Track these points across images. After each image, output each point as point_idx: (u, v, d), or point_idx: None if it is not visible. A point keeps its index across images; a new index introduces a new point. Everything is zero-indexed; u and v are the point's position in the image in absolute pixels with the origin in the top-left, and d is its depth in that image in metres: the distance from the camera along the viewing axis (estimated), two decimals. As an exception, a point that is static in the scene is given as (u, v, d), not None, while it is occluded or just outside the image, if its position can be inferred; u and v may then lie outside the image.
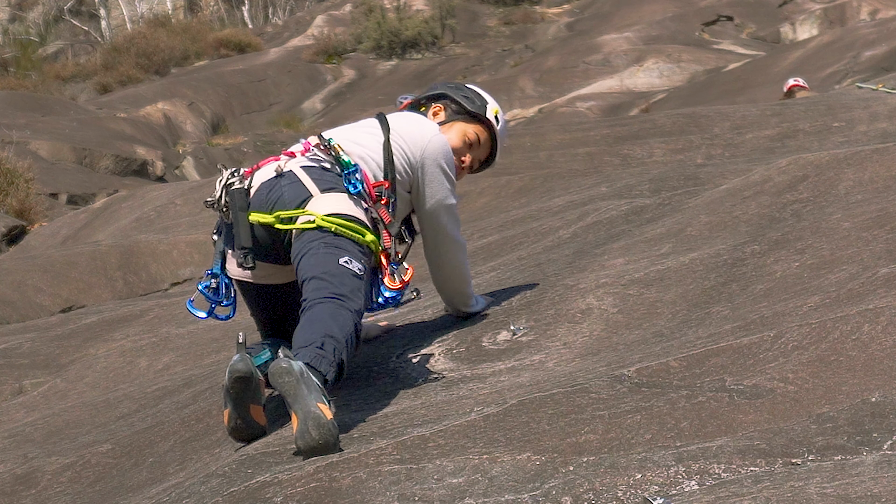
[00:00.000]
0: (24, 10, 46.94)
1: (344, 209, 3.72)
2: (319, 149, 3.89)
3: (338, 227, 3.66)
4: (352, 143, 3.93)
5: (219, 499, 3.02)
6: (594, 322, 4.00)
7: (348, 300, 3.54)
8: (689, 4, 32.34)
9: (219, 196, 3.80)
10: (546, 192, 7.59)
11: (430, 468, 2.93)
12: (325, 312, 3.48)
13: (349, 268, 3.60)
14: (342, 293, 3.54)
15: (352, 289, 3.58)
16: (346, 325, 3.47)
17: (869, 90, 11.37)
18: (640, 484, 2.72)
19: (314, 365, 3.30)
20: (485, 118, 4.20)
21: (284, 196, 3.74)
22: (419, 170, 3.98)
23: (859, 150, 5.41)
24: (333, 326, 3.43)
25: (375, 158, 3.92)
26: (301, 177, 3.79)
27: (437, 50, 34.82)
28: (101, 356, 6.12)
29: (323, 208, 3.70)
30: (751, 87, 21.27)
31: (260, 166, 3.89)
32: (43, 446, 4.51)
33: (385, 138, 3.96)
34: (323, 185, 3.77)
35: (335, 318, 3.47)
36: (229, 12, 46.52)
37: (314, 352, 3.35)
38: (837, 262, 3.95)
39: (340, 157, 3.84)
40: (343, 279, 3.57)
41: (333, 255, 3.61)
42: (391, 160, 3.92)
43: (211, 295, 3.86)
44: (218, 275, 3.87)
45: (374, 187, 3.85)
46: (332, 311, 3.49)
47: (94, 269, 9.69)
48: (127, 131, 25.74)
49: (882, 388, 2.94)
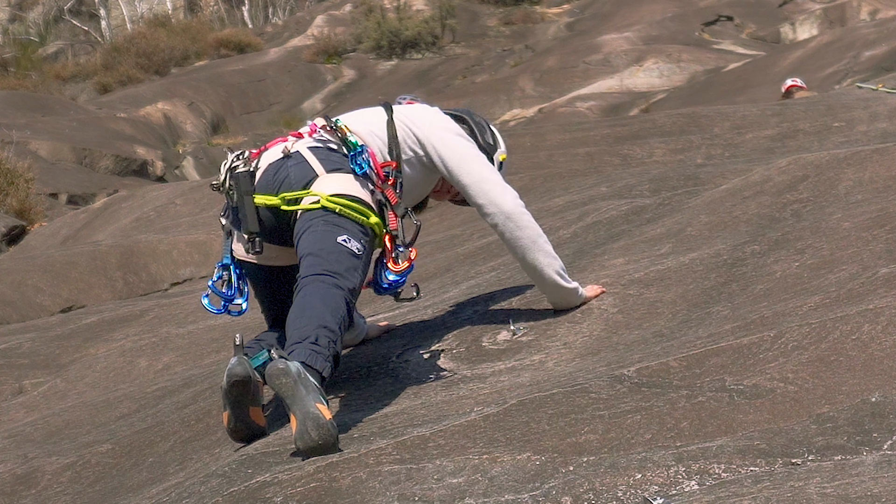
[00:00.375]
0: (24, 10, 46.93)
1: (349, 190, 3.71)
2: (326, 130, 3.89)
3: (342, 208, 3.65)
4: (359, 123, 3.93)
5: (219, 499, 3.02)
6: (594, 322, 4.00)
7: (342, 278, 3.51)
8: (689, 4, 32.34)
9: (223, 179, 3.80)
10: (546, 192, 7.59)
11: (430, 468, 2.93)
12: (317, 296, 3.45)
13: (347, 246, 3.58)
14: (336, 270, 3.52)
15: (347, 267, 3.55)
16: (339, 309, 3.45)
17: (869, 90, 11.37)
18: (640, 484, 2.72)
19: (310, 363, 3.29)
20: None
21: (290, 177, 3.74)
22: (429, 145, 3.93)
23: (859, 150, 5.42)
24: (326, 313, 3.41)
25: (382, 136, 3.91)
26: (307, 157, 3.78)
27: (437, 50, 34.81)
28: (101, 356, 6.12)
29: (328, 188, 3.69)
30: (751, 87, 21.27)
31: (268, 147, 3.89)
32: (43, 446, 4.51)
33: (388, 117, 3.96)
34: (329, 165, 3.76)
35: (327, 301, 3.44)
36: (229, 12, 46.50)
37: (309, 349, 3.33)
38: (837, 262, 3.95)
39: (347, 137, 3.83)
40: (339, 257, 3.55)
41: (332, 232, 3.60)
42: (395, 136, 3.91)
43: (223, 290, 3.84)
44: (229, 266, 3.85)
45: (381, 167, 3.84)
46: (324, 292, 3.46)
47: (94, 269, 9.69)
48: (127, 131, 25.75)
49: (882, 388, 2.94)
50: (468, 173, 3.94)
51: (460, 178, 3.94)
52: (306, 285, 3.50)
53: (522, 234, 3.93)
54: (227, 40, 37.41)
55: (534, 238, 3.94)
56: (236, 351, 3.47)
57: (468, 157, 3.96)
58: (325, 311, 3.41)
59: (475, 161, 3.96)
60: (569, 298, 4.08)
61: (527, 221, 3.94)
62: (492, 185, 3.93)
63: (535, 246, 3.94)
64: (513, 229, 3.92)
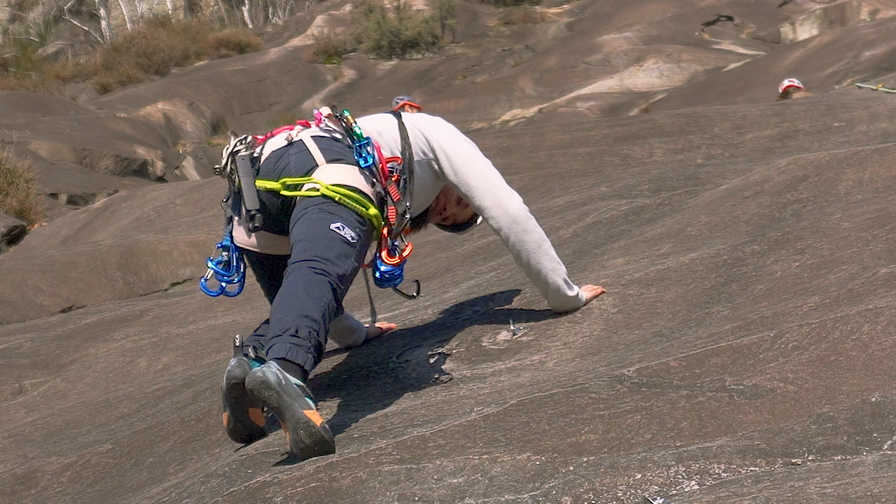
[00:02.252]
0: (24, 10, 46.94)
1: (349, 180, 3.69)
2: (332, 119, 3.88)
3: (341, 197, 3.63)
4: (367, 123, 3.93)
5: (219, 499, 3.02)
6: (594, 322, 4.00)
7: (331, 264, 3.48)
8: (689, 4, 32.35)
9: (225, 163, 3.80)
10: (546, 192, 7.59)
11: (430, 468, 2.93)
12: (301, 284, 3.42)
13: (340, 233, 3.56)
14: (325, 256, 3.49)
15: (338, 254, 3.52)
16: (322, 296, 3.40)
17: (869, 90, 11.37)
18: (640, 484, 2.72)
19: (290, 358, 3.25)
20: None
21: (291, 165, 3.73)
22: (438, 150, 3.94)
23: (859, 150, 5.42)
24: (308, 302, 3.36)
25: (392, 134, 3.92)
26: (310, 146, 3.77)
27: (437, 50, 34.82)
28: (101, 356, 6.12)
29: (328, 178, 3.68)
30: (751, 87, 21.28)
31: (274, 134, 3.88)
32: (43, 446, 4.51)
33: (398, 121, 3.97)
34: (330, 155, 3.75)
35: (310, 290, 3.40)
36: (229, 12, 46.52)
37: (288, 342, 3.28)
38: (837, 262, 3.95)
39: (353, 128, 3.83)
40: (330, 243, 3.53)
41: (325, 219, 3.58)
42: (407, 137, 3.92)
43: (223, 270, 3.82)
44: (228, 247, 3.84)
45: (387, 162, 3.83)
46: (308, 280, 3.43)
47: (94, 269, 9.69)
48: (127, 131, 25.76)
49: (882, 388, 2.95)
50: (476, 175, 3.95)
51: (468, 178, 3.94)
52: (293, 272, 3.47)
53: (528, 237, 3.93)
54: (227, 40, 37.43)
55: (539, 242, 3.95)
56: (236, 352, 3.47)
57: (476, 159, 3.98)
58: (307, 300, 3.37)
59: (483, 164, 3.98)
60: (571, 304, 4.09)
61: (532, 226, 3.95)
62: (499, 188, 3.95)
63: (540, 250, 3.95)
64: (519, 233, 3.93)
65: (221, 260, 3.83)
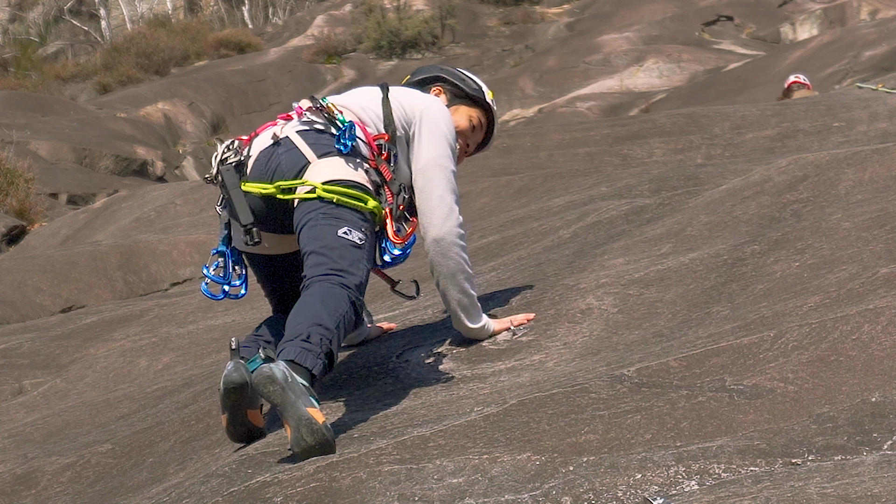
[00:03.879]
0: (24, 10, 46.94)
1: (343, 174, 3.66)
2: (312, 111, 3.84)
3: (339, 198, 3.61)
4: (350, 99, 3.90)
5: (219, 499, 3.02)
6: (594, 322, 4.00)
7: (347, 275, 3.48)
8: (689, 4, 32.36)
9: (215, 172, 3.78)
10: (546, 192, 7.59)
11: (430, 468, 2.93)
12: (317, 296, 3.42)
13: (348, 239, 3.55)
14: (341, 268, 3.49)
15: (351, 261, 3.52)
16: (339, 307, 3.40)
17: (869, 90, 11.36)
18: (640, 484, 2.72)
19: (298, 361, 3.25)
20: (484, 102, 4.19)
21: (282, 165, 3.70)
22: (416, 124, 3.86)
23: (859, 150, 5.42)
24: (323, 313, 3.36)
25: (375, 110, 3.87)
26: (297, 143, 3.74)
27: (437, 50, 34.82)
28: (101, 356, 6.12)
29: (321, 175, 3.65)
30: (751, 87, 21.27)
31: (258, 133, 3.85)
32: (43, 446, 4.51)
33: (384, 95, 3.92)
34: (319, 149, 3.72)
35: (326, 301, 3.40)
36: (229, 12, 46.52)
37: (299, 346, 3.28)
38: (837, 262, 3.95)
39: (334, 116, 3.79)
40: (342, 252, 3.52)
41: (332, 226, 3.56)
42: (390, 113, 3.86)
43: (220, 277, 3.81)
44: (224, 252, 3.83)
45: (374, 139, 3.79)
46: (325, 292, 3.42)
47: (94, 269, 9.69)
48: (127, 131, 25.77)
49: (882, 388, 2.95)
50: (429, 180, 3.82)
51: (417, 178, 3.83)
52: (310, 286, 3.48)
53: (444, 262, 3.81)
54: (227, 40, 37.44)
55: (454, 271, 3.82)
56: (232, 355, 3.45)
57: (438, 165, 3.83)
58: (321, 310, 3.38)
59: (442, 173, 3.83)
60: (472, 334, 3.99)
61: (454, 253, 3.81)
62: (442, 203, 3.80)
63: (452, 278, 3.83)
64: (436, 253, 3.81)
65: (218, 265, 3.82)
